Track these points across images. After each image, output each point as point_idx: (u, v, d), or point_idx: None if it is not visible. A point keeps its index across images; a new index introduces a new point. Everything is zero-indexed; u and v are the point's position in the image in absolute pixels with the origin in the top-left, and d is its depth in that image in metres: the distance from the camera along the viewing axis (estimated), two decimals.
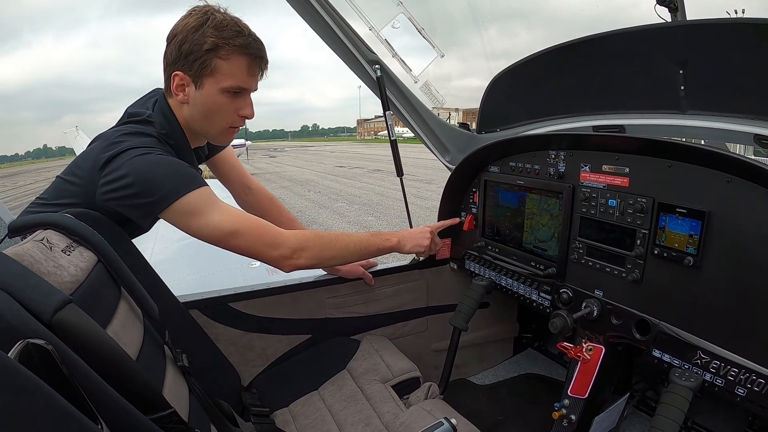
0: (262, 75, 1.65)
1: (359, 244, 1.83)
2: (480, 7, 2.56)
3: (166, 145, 1.58)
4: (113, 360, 0.97)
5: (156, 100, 1.66)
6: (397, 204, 14.17)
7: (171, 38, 1.53)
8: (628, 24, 1.76)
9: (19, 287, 0.89)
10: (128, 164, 1.41)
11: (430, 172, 18.79)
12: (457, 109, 2.55)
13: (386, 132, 2.30)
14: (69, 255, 1.16)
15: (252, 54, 1.56)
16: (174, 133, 1.62)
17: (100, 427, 0.77)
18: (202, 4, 1.54)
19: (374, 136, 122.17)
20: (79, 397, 0.77)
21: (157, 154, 1.47)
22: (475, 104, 2.40)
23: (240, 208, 1.59)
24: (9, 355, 0.70)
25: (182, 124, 1.64)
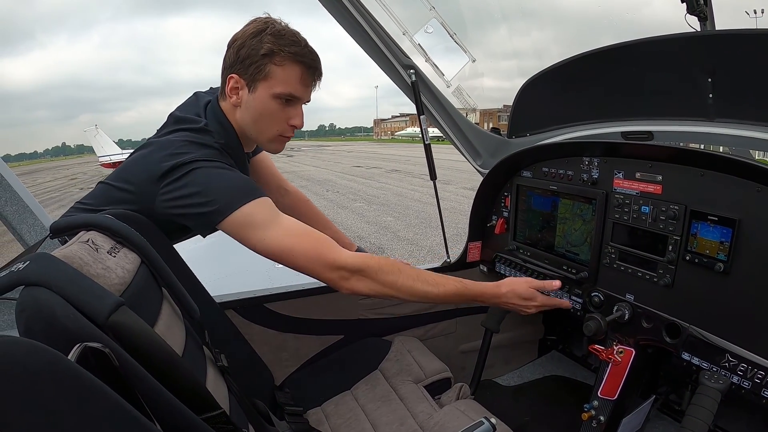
0: (315, 86, 1.66)
1: (433, 279, 1.62)
2: (490, 6, 2.59)
3: (227, 157, 1.59)
4: (166, 361, 0.98)
5: (207, 103, 1.68)
6: (415, 205, 14.17)
7: (231, 43, 1.57)
8: (641, 22, 1.77)
9: (73, 291, 0.90)
10: (192, 174, 1.43)
11: (447, 173, 18.76)
12: (474, 110, 2.58)
13: (403, 132, 2.31)
14: (114, 257, 1.17)
15: (306, 63, 1.57)
16: (231, 142, 1.64)
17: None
18: (262, 15, 1.58)
19: (391, 137, 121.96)
20: (135, 398, 0.79)
21: (220, 168, 1.49)
22: (492, 104, 2.40)
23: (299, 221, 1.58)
24: (69, 358, 0.72)
25: (237, 130, 1.66)
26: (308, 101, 1.67)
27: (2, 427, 0.57)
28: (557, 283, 1.85)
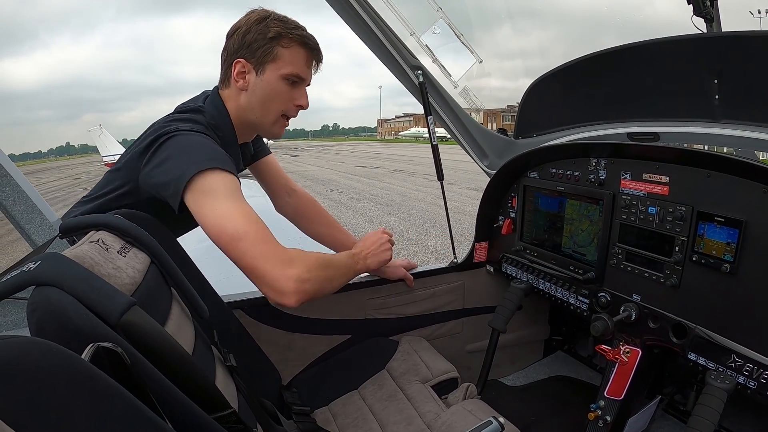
0: (316, 69, 1.74)
1: (347, 266, 1.69)
2: (496, 6, 2.59)
3: (213, 134, 1.62)
4: (177, 361, 0.98)
5: (207, 96, 1.72)
6: (419, 205, 14.16)
7: (233, 32, 1.63)
8: (648, 23, 1.77)
9: (84, 290, 0.90)
10: (168, 142, 1.45)
11: (451, 173, 18.69)
12: (478, 110, 2.59)
13: (406, 132, 2.31)
14: (125, 256, 1.17)
15: (310, 47, 1.66)
16: (223, 125, 1.68)
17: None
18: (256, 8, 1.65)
19: (395, 137, 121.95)
20: (147, 398, 0.79)
21: (198, 135, 1.50)
22: (496, 104, 2.40)
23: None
24: (82, 358, 0.72)
25: (234, 117, 1.70)
26: (310, 84, 1.74)
27: (17, 428, 0.57)
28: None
